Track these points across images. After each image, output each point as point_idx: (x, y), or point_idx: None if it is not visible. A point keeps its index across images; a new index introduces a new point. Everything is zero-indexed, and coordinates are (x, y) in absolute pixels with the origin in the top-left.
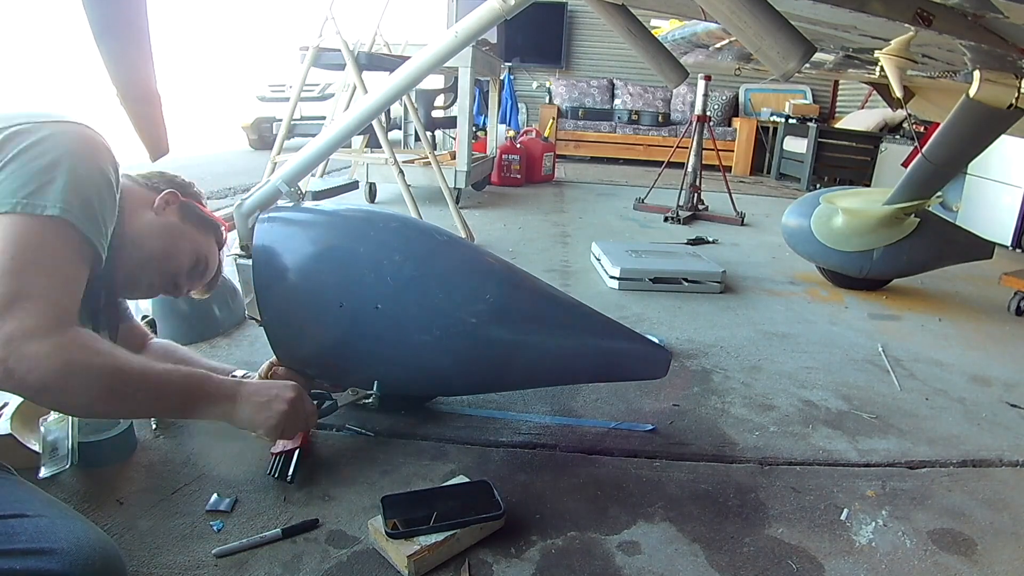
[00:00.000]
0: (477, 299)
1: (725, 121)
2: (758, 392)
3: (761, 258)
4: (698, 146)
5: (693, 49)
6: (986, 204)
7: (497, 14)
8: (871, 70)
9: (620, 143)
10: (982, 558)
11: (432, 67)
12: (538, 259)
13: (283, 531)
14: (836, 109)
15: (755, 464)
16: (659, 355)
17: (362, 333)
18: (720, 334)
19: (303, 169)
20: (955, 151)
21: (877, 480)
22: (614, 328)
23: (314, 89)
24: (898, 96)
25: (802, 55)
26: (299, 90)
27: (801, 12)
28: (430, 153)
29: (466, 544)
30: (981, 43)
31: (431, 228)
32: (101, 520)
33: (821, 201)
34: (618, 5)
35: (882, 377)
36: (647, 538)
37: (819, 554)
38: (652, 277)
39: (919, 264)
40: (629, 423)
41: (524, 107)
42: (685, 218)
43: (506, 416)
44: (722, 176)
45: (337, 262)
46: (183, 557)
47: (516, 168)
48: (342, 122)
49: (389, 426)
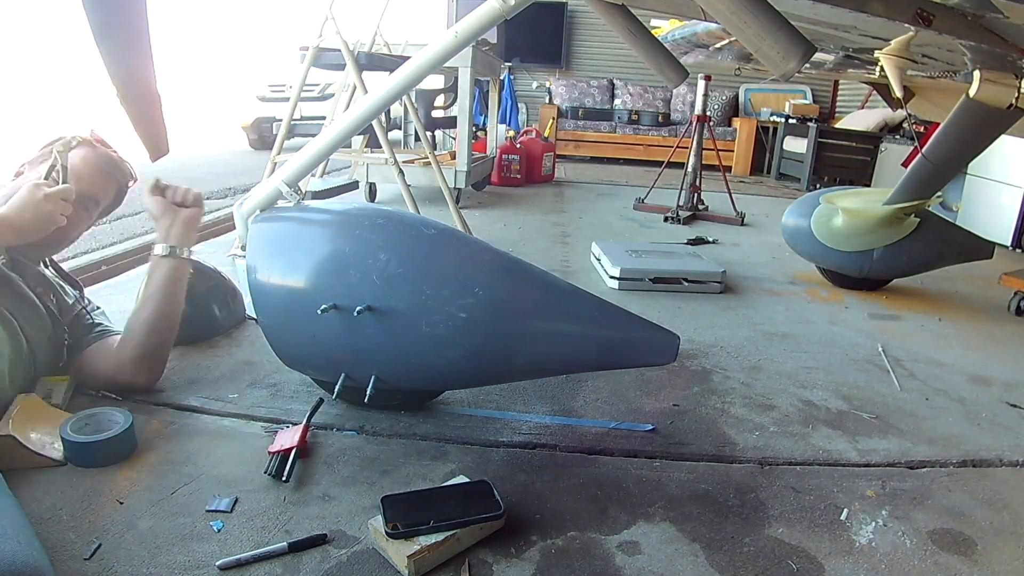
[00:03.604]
0: (466, 293)
1: (725, 121)
2: (758, 392)
3: (761, 258)
4: (698, 146)
5: (693, 49)
6: (986, 204)
7: (497, 14)
8: (871, 70)
9: (620, 143)
10: (982, 558)
11: (432, 67)
12: (538, 259)
13: (289, 545)
14: (836, 109)
15: (755, 464)
16: (667, 339)
17: (354, 332)
18: (720, 334)
19: (303, 170)
20: (955, 151)
21: (877, 480)
22: (619, 314)
23: (314, 89)
24: (898, 96)
25: (802, 55)
26: (299, 90)
27: (801, 12)
28: (430, 153)
29: (466, 544)
30: (981, 43)
31: (421, 221)
32: (101, 520)
33: (821, 201)
34: (618, 5)
35: (882, 377)
36: (647, 538)
37: (819, 554)
38: (652, 277)
39: (919, 264)
40: (629, 423)
41: (524, 107)
42: (685, 218)
43: (506, 416)
44: (722, 176)
45: (327, 261)
46: (183, 557)
47: (516, 168)
48: (342, 122)
49: (389, 426)
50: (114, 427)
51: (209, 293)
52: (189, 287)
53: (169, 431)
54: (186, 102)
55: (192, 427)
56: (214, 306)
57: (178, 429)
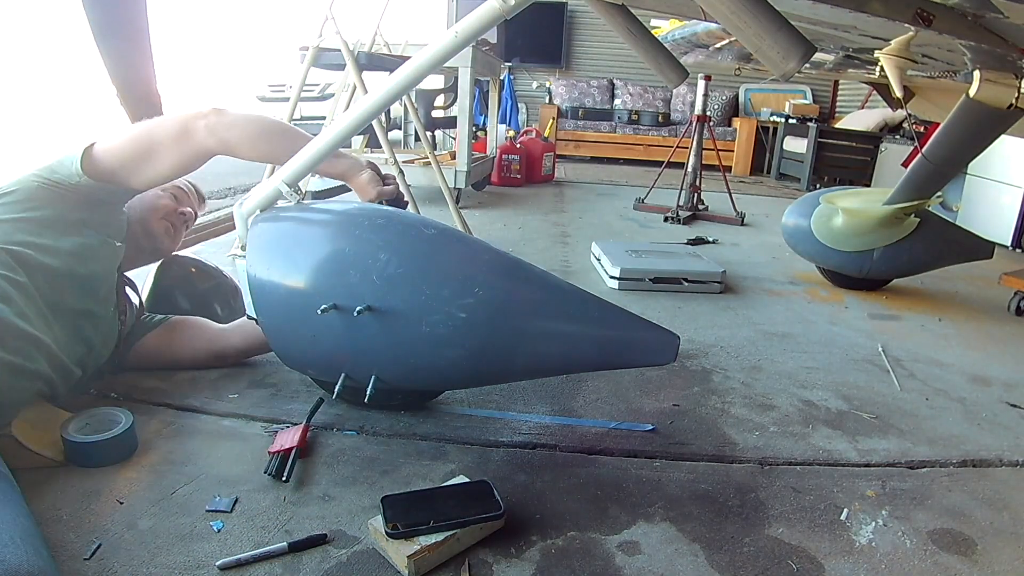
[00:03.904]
0: (466, 293)
1: (725, 121)
2: (758, 392)
3: (761, 258)
4: (698, 146)
5: (693, 49)
6: (986, 204)
7: (497, 14)
8: (871, 70)
9: (620, 143)
10: (982, 558)
11: (432, 67)
12: (538, 259)
13: (289, 545)
14: (836, 109)
15: (755, 464)
16: (667, 339)
17: (354, 332)
18: (720, 334)
19: (303, 170)
20: (955, 151)
21: (877, 480)
22: (619, 314)
23: (314, 89)
24: (898, 96)
25: (802, 55)
26: (299, 90)
27: (801, 12)
28: (430, 153)
29: (466, 544)
30: (981, 43)
31: (421, 221)
32: (101, 520)
33: (821, 201)
34: (618, 5)
35: (882, 377)
36: (647, 538)
37: (819, 554)
38: (652, 277)
39: (919, 264)
40: (629, 423)
41: (524, 107)
42: (685, 218)
43: (506, 416)
44: (722, 176)
45: (327, 261)
46: (183, 557)
47: (516, 168)
48: (342, 122)
49: (389, 426)
50: (115, 427)
51: (211, 291)
52: (191, 285)
53: (169, 431)
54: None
55: (192, 427)
56: (216, 305)
57: (178, 429)
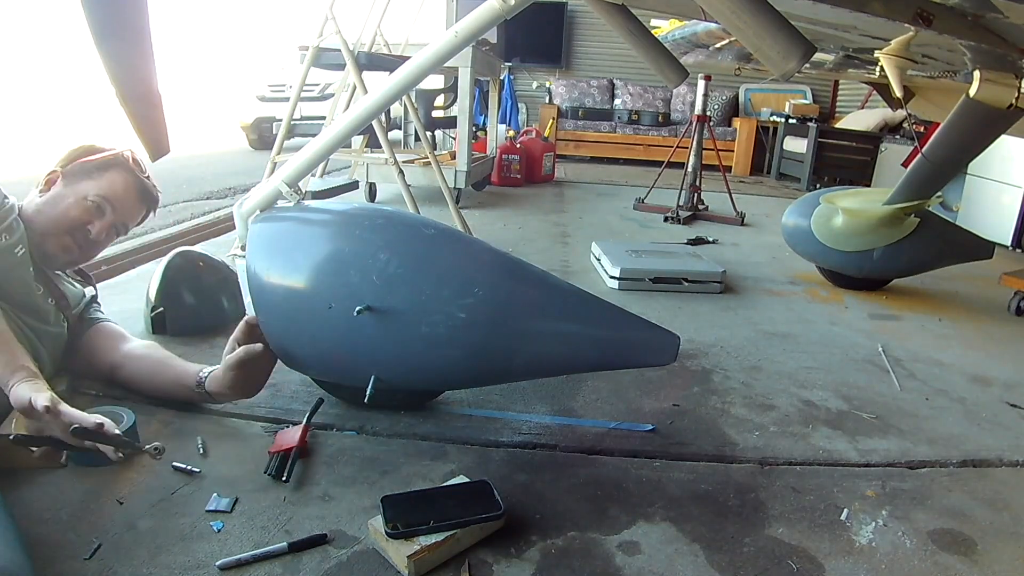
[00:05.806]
0: (466, 293)
1: (725, 121)
2: (758, 392)
3: (761, 258)
4: (698, 146)
5: (693, 49)
6: (986, 204)
7: (497, 14)
8: (871, 70)
9: (620, 143)
10: (982, 558)
11: (432, 67)
12: (538, 259)
13: (289, 545)
14: (836, 109)
15: (755, 464)
16: (667, 340)
17: (353, 333)
18: (720, 334)
19: (303, 169)
20: (955, 151)
21: (877, 480)
22: (619, 314)
23: (314, 89)
24: (898, 96)
25: (802, 55)
26: (299, 90)
27: (801, 12)
28: (430, 153)
29: (466, 544)
30: (981, 43)
31: (421, 222)
32: (101, 520)
33: (821, 201)
34: (618, 5)
35: (882, 377)
36: (647, 538)
37: (819, 554)
38: (652, 277)
39: (919, 264)
40: (629, 423)
41: (524, 107)
42: (685, 218)
43: (506, 416)
44: (722, 176)
45: (325, 262)
46: (183, 557)
47: (516, 168)
48: (342, 122)
49: (389, 426)
50: (116, 427)
51: (218, 285)
52: (198, 279)
53: (169, 431)
54: (186, 102)
55: (192, 427)
56: (223, 298)
57: (178, 429)
